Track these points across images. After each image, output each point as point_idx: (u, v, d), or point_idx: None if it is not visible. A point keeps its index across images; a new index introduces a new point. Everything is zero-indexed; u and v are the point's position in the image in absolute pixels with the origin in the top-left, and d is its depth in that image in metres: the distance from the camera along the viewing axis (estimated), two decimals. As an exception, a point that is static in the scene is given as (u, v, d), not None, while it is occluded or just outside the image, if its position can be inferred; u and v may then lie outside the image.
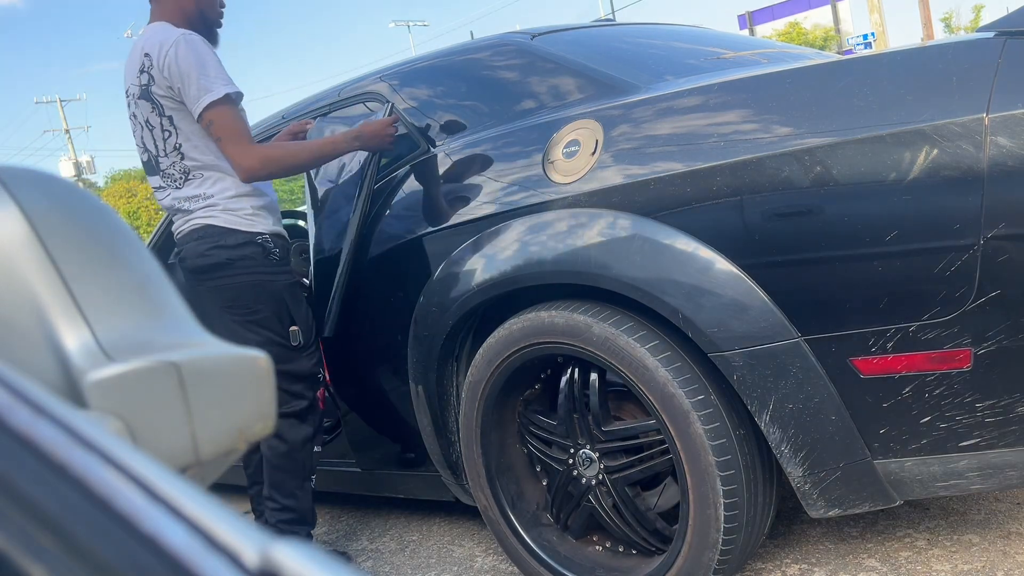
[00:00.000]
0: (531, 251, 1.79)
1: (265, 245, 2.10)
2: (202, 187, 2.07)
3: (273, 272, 2.12)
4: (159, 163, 2.10)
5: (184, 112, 2.03)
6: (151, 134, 2.08)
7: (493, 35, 2.32)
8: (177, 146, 2.05)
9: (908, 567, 1.77)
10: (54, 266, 0.52)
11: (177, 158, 2.06)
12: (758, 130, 1.53)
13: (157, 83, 2.01)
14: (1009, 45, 1.34)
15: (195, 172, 2.07)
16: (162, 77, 2.00)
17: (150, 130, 2.08)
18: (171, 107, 2.03)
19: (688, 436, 1.59)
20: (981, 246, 1.33)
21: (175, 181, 2.09)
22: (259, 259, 2.08)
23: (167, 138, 2.06)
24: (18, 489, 0.28)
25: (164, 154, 2.08)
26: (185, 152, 2.05)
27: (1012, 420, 1.40)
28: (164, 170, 2.10)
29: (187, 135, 2.04)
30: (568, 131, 1.81)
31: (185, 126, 2.04)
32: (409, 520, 2.66)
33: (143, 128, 2.10)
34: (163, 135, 2.06)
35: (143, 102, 2.06)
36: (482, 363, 1.91)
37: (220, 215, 2.06)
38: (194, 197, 2.08)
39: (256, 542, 0.27)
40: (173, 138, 2.05)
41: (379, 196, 2.21)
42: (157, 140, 2.07)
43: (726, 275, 1.54)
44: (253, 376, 0.57)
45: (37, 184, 0.56)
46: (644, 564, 1.81)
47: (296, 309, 2.16)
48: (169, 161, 2.08)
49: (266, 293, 2.11)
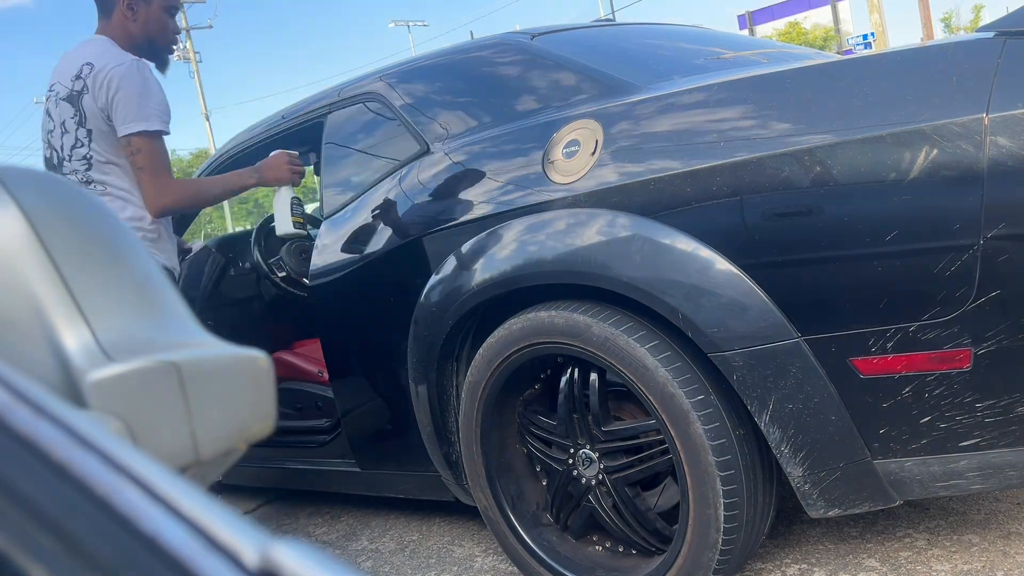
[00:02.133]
0: (531, 251, 1.79)
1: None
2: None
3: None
4: (62, 167, 2.09)
5: (105, 134, 2.02)
6: (61, 137, 2.07)
7: (493, 35, 2.32)
8: (86, 157, 2.04)
9: (908, 567, 1.77)
10: (54, 266, 0.52)
11: (81, 167, 2.05)
12: (758, 130, 1.53)
13: (92, 94, 2.00)
14: (1009, 45, 1.34)
15: (96, 187, 2.04)
16: (99, 90, 1.98)
17: (62, 133, 2.07)
18: (94, 123, 2.02)
19: (688, 436, 1.59)
20: (981, 246, 1.33)
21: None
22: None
23: (77, 147, 2.04)
24: (18, 489, 0.28)
25: (68, 160, 2.07)
26: (93, 165, 2.03)
27: (1012, 420, 1.40)
28: (65, 175, 2.07)
29: (99, 152, 2.03)
30: (568, 131, 1.81)
31: (101, 145, 2.03)
32: (409, 520, 2.66)
33: (56, 127, 2.08)
34: (74, 142, 2.05)
35: (66, 105, 2.05)
36: (482, 363, 1.91)
37: None
38: None
39: (256, 542, 0.27)
40: (84, 149, 2.04)
41: (379, 196, 2.21)
42: (66, 145, 2.06)
43: (726, 275, 1.54)
44: (253, 376, 0.57)
45: (37, 184, 0.56)
46: (644, 564, 1.81)
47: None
48: (72, 168, 2.06)
49: None
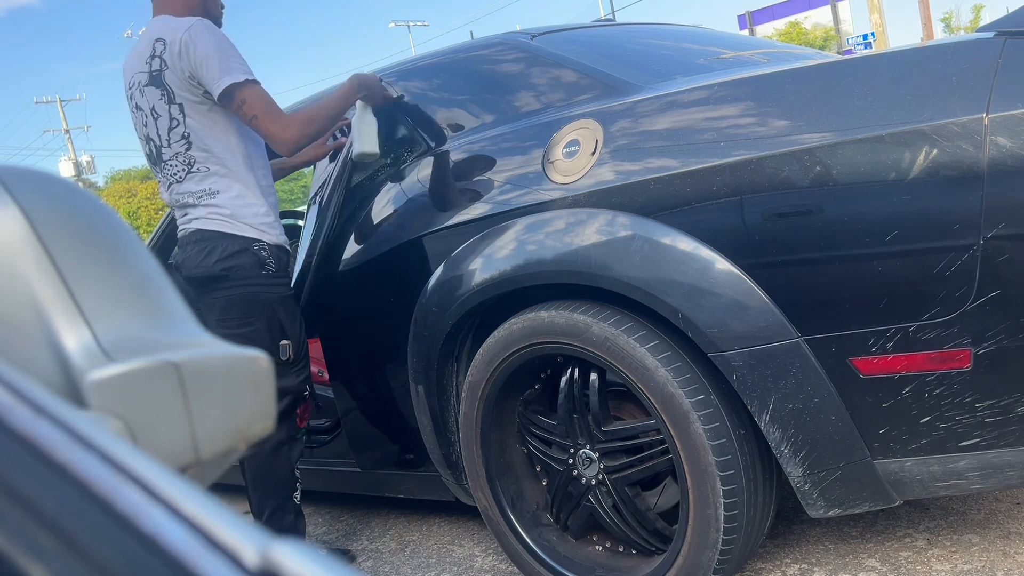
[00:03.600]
0: (531, 251, 1.79)
1: (260, 255, 2.04)
2: (205, 182, 2.01)
3: (267, 284, 2.06)
4: (162, 154, 2.04)
5: (196, 103, 1.97)
6: (156, 123, 2.02)
7: (493, 35, 2.32)
8: (184, 135, 1.99)
9: (908, 567, 1.77)
10: (54, 266, 0.52)
11: (182, 148, 2.00)
12: (758, 130, 1.53)
13: (171, 67, 1.95)
14: (1009, 45, 1.34)
15: (199, 165, 2.01)
16: (178, 60, 1.93)
17: (155, 119, 2.02)
18: (183, 95, 1.97)
19: (688, 436, 1.59)
20: (981, 246, 1.33)
21: (176, 173, 2.03)
22: (254, 269, 2.03)
23: (174, 127, 2.00)
24: (18, 489, 0.28)
25: (168, 144, 2.02)
26: (193, 142, 1.99)
27: (1012, 420, 1.40)
28: (167, 161, 2.04)
29: (196, 125, 1.98)
30: (568, 131, 1.81)
31: (195, 116, 1.98)
32: (409, 520, 2.66)
33: (148, 116, 2.03)
34: (169, 123, 2.00)
35: (151, 89, 2.00)
36: (482, 363, 1.91)
37: (219, 220, 2.01)
38: (196, 192, 2.02)
39: (256, 542, 0.27)
40: (180, 127, 1.99)
41: (379, 196, 2.21)
42: (162, 129, 2.02)
43: (726, 275, 1.54)
44: (253, 376, 0.57)
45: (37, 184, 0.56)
46: (644, 564, 1.81)
47: (289, 323, 2.11)
48: (172, 152, 2.02)
49: (258, 305, 2.06)
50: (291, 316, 2.13)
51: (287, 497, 2.17)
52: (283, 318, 2.10)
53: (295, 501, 2.19)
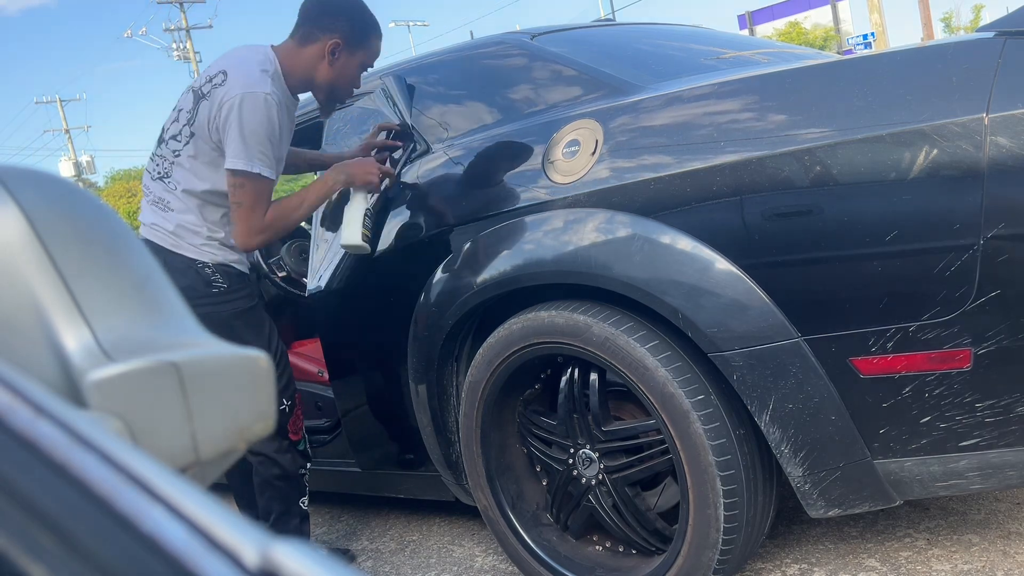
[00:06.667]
0: (531, 251, 1.79)
1: (203, 273, 2.01)
2: (170, 194, 2.03)
3: (220, 302, 2.03)
4: (159, 144, 2.10)
5: (200, 145, 2.00)
6: (175, 120, 2.07)
7: (493, 35, 2.32)
8: (177, 151, 2.03)
9: (908, 567, 1.77)
10: (54, 266, 0.52)
11: (172, 156, 2.04)
12: (758, 130, 1.53)
13: (210, 105, 1.97)
14: (1009, 45, 1.34)
15: (174, 181, 2.03)
16: (216, 111, 1.95)
17: (175, 117, 2.07)
18: (200, 129, 1.99)
19: (688, 436, 1.59)
20: (981, 246, 1.33)
21: (158, 168, 2.08)
22: (200, 289, 2.00)
23: (176, 138, 2.05)
24: (18, 489, 0.28)
25: (166, 142, 2.07)
26: (181, 161, 2.02)
27: (1012, 420, 1.40)
28: (160, 152, 2.08)
29: (193, 152, 2.01)
30: (568, 131, 1.81)
31: (197, 147, 2.01)
32: (409, 520, 2.66)
33: (177, 110, 2.08)
34: (176, 133, 2.05)
35: (190, 97, 2.03)
36: (482, 363, 1.91)
37: (168, 237, 2.02)
38: (159, 200, 2.05)
39: (256, 542, 0.27)
40: (179, 145, 2.03)
41: (379, 195, 2.20)
42: (171, 130, 2.07)
43: (726, 275, 1.54)
44: (253, 376, 0.57)
45: (37, 184, 0.56)
46: (644, 564, 1.81)
47: (251, 335, 2.06)
48: (162, 152, 2.07)
49: (212, 324, 2.03)
50: (255, 328, 2.09)
51: (294, 501, 2.18)
52: (244, 332, 2.05)
53: (301, 506, 2.20)
